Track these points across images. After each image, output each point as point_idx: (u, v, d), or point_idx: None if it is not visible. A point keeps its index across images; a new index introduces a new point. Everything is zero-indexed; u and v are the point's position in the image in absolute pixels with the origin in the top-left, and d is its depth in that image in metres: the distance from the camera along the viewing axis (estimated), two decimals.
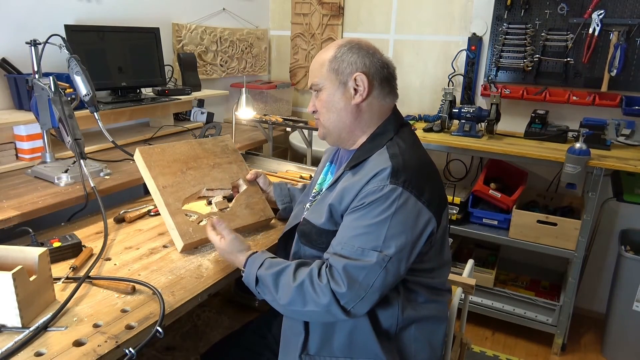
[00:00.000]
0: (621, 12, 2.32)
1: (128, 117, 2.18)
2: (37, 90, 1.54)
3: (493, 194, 2.42)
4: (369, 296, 1.01)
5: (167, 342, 1.78)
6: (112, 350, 0.90)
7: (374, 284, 1.00)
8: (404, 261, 1.03)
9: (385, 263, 1.00)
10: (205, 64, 2.79)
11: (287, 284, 1.04)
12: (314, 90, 1.18)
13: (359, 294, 1.00)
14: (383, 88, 1.15)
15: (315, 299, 1.01)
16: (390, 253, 1.01)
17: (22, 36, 1.67)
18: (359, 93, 1.12)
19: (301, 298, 1.02)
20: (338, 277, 1.01)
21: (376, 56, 1.15)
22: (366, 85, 1.11)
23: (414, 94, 2.93)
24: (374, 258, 1.00)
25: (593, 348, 2.51)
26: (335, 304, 1.00)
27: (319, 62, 1.15)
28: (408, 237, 1.03)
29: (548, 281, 2.73)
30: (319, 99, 1.16)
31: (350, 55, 1.12)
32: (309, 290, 1.02)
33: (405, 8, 2.88)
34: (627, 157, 2.18)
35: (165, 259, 1.28)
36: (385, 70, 1.15)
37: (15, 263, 0.98)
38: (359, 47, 1.14)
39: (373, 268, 1.00)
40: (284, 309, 1.07)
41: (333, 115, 1.15)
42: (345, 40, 1.16)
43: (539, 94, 2.49)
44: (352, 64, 1.12)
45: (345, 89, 1.13)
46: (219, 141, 1.61)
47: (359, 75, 1.11)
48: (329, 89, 1.14)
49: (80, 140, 1.48)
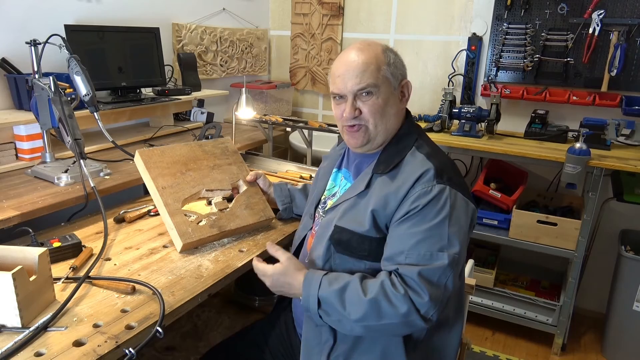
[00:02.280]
0: (621, 12, 2.32)
1: (128, 117, 2.18)
2: (37, 90, 1.54)
3: (493, 194, 2.41)
4: (446, 299, 1.01)
5: (167, 342, 1.78)
6: (112, 351, 0.90)
7: (450, 285, 1.01)
8: (465, 256, 1.07)
9: (455, 261, 1.01)
10: (205, 64, 2.79)
11: (358, 299, 1.00)
12: (366, 92, 1.11)
13: (439, 298, 0.99)
14: None
15: (392, 311, 0.98)
16: (457, 250, 1.02)
17: (22, 36, 1.67)
18: (405, 98, 1.17)
19: (376, 311, 0.98)
20: (415, 285, 0.99)
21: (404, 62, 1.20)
22: (410, 91, 1.17)
23: (414, 94, 2.90)
24: (445, 259, 1.00)
25: (593, 348, 2.51)
26: (415, 313, 0.98)
27: (372, 64, 1.11)
28: (465, 232, 1.06)
29: (548, 281, 2.73)
30: (369, 103, 1.12)
31: (399, 61, 1.16)
32: (384, 303, 0.98)
33: (405, 8, 2.88)
34: (627, 157, 2.18)
35: (165, 259, 1.28)
36: None
37: (15, 263, 0.98)
38: (397, 53, 1.18)
39: (447, 269, 1.00)
40: (355, 325, 1.02)
41: (386, 120, 1.14)
42: (383, 46, 1.17)
43: (539, 94, 2.49)
44: (401, 70, 1.16)
45: (394, 94, 1.15)
46: (219, 143, 1.61)
47: (408, 82, 1.17)
48: (384, 93, 1.12)
49: (80, 140, 1.47)
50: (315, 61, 3.22)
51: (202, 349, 1.74)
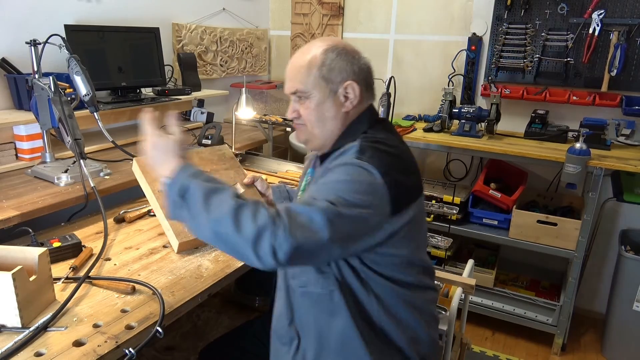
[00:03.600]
0: (621, 12, 2.32)
1: (128, 117, 2.18)
2: (37, 90, 1.54)
3: (493, 194, 2.41)
4: (310, 243, 0.88)
5: (167, 342, 1.78)
6: (112, 351, 0.90)
7: (320, 230, 0.88)
8: (349, 228, 0.92)
9: (332, 211, 0.89)
10: (205, 64, 2.79)
11: (224, 202, 0.90)
12: (297, 96, 1.11)
13: (295, 234, 0.86)
14: (368, 91, 1.13)
15: (250, 225, 0.86)
16: (339, 205, 0.91)
17: (22, 36, 1.67)
18: (349, 101, 1.08)
19: (235, 219, 0.87)
20: (283, 214, 0.89)
21: (361, 59, 1.11)
22: (357, 93, 1.08)
23: (414, 94, 2.92)
24: (323, 203, 0.90)
25: (593, 348, 2.51)
26: (270, 235, 0.85)
27: (304, 67, 1.08)
28: (361, 206, 0.93)
29: (548, 281, 2.72)
30: (304, 106, 1.10)
31: (340, 62, 1.07)
32: (247, 213, 0.88)
33: (405, 8, 2.88)
34: (627, 157, 2.18)
35: (165, 259, 1.28)
36: (369, 75, 1.12)
37: (15, 263, 0.98)
38: (345, 52, 1.09)
39: (317, 209, 0.89)
40: (208, 226, 0.90)
41: (321, 124, 1.10)
42: (331, 44, 1.10)
43: (539, 94, 2.49)
44: (343, 71, 1.07)
45: (335, 97, 1.08)
46: (217, 150, 1.62)
47: (351, 83, 1.07)
48: (318, 97, 1.08)
49: (80, 140, 1.48)
50: None
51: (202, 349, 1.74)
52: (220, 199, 0.91)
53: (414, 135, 2.50)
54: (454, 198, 2.48)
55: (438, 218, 2.54)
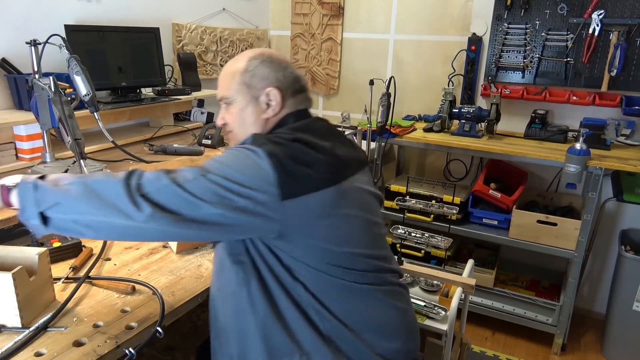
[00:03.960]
0: (621, 12, 2.32)
1: (128, 117, 2.18)
2: (37, 90, 1.54)
3: (493, 194, 2.42)
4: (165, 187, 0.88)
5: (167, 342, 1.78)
6: (112, 351, 0.90)
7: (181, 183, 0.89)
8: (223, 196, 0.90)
9: (201, 174, 0.90)
10: (205, 64, 2.79)
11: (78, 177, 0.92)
12: (223, 103, 1.13)
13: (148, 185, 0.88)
14: (294, 98, 1.12)
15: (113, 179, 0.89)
16: (211, 169, 0.92)
17: (22, 36, 1.67)
18: (271, 108, 1.09)
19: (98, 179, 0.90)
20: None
21: (288, 70, 1.12)
22: (279, 100, 1.09)
23: (414, 94, 2.92)
24: (196, 169, 0.92)
25: (593, 348, 2.51)
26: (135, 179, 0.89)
27: (229, 74, 1.11)
28: (243, 184, 0.91)
29: (548, 281, 2.72)
30: (229, 112, 1.12)
31: (263, 69, 1.09)
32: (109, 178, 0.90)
33: (405, 8, 2.88)
34: (627, 157, 2.18)
35: (165, 259, 1.28)
36: (297, 84, 1.12)
37: (15, 263, 0.98)
38: (270, 61, 1.11)
39: (187, 171, 0.92)
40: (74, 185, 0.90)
41: (243, 130, 1.11)
42: (257, 52, 1.12)
43: (539, 94, 2.49)
44: (265, 79, 1.09)
45: (256, 103, 1.09)
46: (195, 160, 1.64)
47: (272, 90, 1.08)
48: (240, 103, 1.10)
49: (80, 140, 1.47)
50: (315, 61, 3.22)
51: None
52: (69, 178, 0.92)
53: (414, 135, 2.51)
54: (454, 198, 2.48)
55: (438, 218, 2.54)
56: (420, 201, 2.56)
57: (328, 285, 1.01)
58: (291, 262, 0.99)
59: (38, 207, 0.89)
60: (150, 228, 0.88)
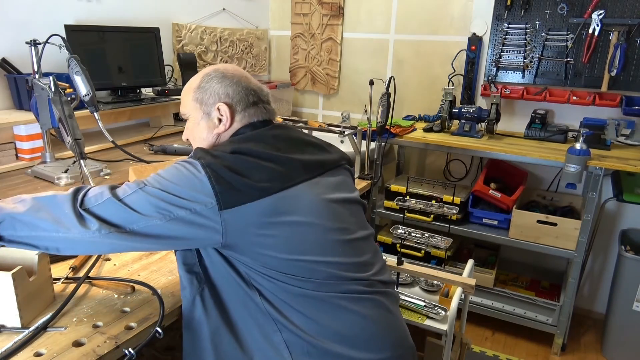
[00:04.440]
0: (621, 12, 2.32)
1: (128, 117, 2.18)
2: (37, 90, 1.54)
3: (493, 194, 2.42)
4: (107, 202, 0.92)
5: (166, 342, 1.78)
6: (111, 351, 0.90)
7: (121, 197, 0.93)
8: (161, 208, 0.92)
9: (139, 187, 0.94)
10: (205, 64, 2.79)
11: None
12: (183, 118, 1.18)
13: (91, 200, 0.93)
14: (247, 114, 1.12)
15: (61, 197, 0.94)
16: (149, 182, 0.95)
17: (22, 36, 1.68)
18: (222, 123, 1.11)
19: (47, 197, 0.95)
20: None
21: (241, 84, 1.12)
22: (228, 115, 1.10)
23: (414, 94, 2.92)
24: (135, 182, 0.96)
25: (593, 348, 2.51)
26: (79, 196, 0.94)
27: (185, 91, 1.15)
28: (173, 187, 0.94)
29: (548, 281, 2.72)
30: (187, 127, 1.17)
31: (213, 85, 1.11)
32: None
33: (405, 8, 2.88)
34: (627, 157, 2.18)
35: (165, 259, 1.28)
36: (250, 97, 1.12)
37: (15, 263, 0.98)
38: (222, 76, 1.12)
39: (127, 185, 0.96)
40: (24, 202, 0.96)
41: (197, 144, 1.14)
42: (212, 69, 1.14)
43: (539, 94, 2.49)
44: (215, 94, 1.11)
45: (209, 119, 1.12)
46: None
47: (222, 105, 1.10)
48: (195, 118, 1.13)
49: (80, 140, 1.47)
50: (315, 61, 3.22)
51: None
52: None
53: (414, 135, 2.51)
54: (454, 198, 2.48)
55: (438, 218, 2.54)
56: (420, 201, 2.56)
57: (287, 294, 0.99)
58: (247, 270, 0.99)
59: None
60: (100, 242, 0.92)
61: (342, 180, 1.17)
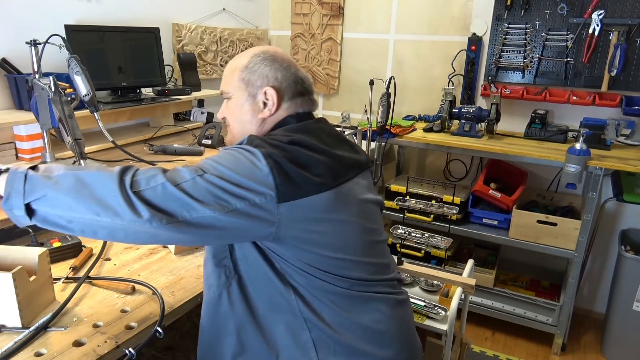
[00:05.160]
0: (621, 12, 2.32)
1: (128, 117, 2.18)
2: (37, 90, 1.54)
3: (493, 194, 2.42)
4: (161, 187, 0.85)
5: (167, 342, 1.78)
6: (111, 351, 0.90)
7: (178, 183, 0.86)
8: (219, 197, 0.87)
9: (197, 174, 0.88)
10: (205, 64, 2.79)
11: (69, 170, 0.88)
12: (224, 97, 1.13)
13: (155, 176, 0.87)
14: (294, 103, 1.09)
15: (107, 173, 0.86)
16: (206, 169, 0.89)
17: (22, 36, 1.67)
18: (267, 107, 1.07)
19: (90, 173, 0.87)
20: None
21: (290, 70, 1.09)
22: (275, 100, 1.06)
23: (414, 94, 2.92)
24: (192, 168, 0.89)
25: (593, 348, 2.51)
26: (126, 176, 0.86)
27: (230, 69, 1.11)
28: (233, 177, 0.89)
29: (548, 281, 2.72)
30: (227, 107, 1.12)
31: (263, 67, 1.08)
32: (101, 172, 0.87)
33: (405, 8, 2.88)
34: (627, 157, 2.18)
35: (165, 259, 1.28)
36: (299, 86, 1.09)
37: (15, 263, 0.98)
38: (273, 59, 1.09)
39: (183, 171, 0.89)
40: (65, 176, 0.86)
41: (239, 125, 1.11)
42: (260, 50, 1.11)
43: (539, 94, 2.49)
44: (263, 77, 1.07)
45: (254, 101, 1.08)
46: None
47: (269, 89, 1.06)
48: (238, 99, 1.09)
49: (80, 140, 1.47)
50: (315, 61, 3.22)
51: None
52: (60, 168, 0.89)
53: (414, 135, 2.51)
54: (454, 198, 2.48)
55: (438, 218, 2.54)
56: (420, 201, 2.56)
57: (321, 291, 0.99)
58: (284, 266, 0.97)
59: (25, 198, 0.85)
60: (145, 231, 0.84)
61: (370, 181, 1.18)
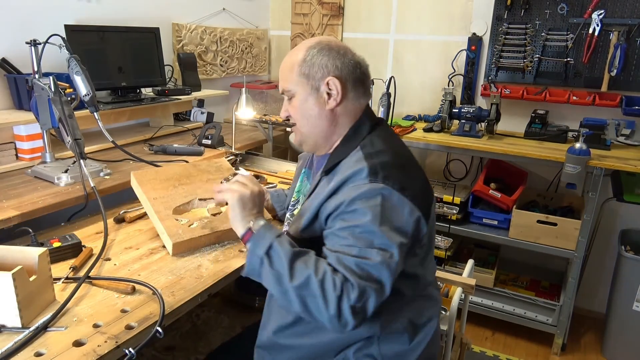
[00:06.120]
0: (621, 12, 2.32)
1: (128, 117, 2.18)
2: (37, 90, 1.54)
3: (493, 194, 2.42)
4: (377, 294, 0.92)
5: (167, 342, 1.78)
6: (112, 351, 0.90)
7: (385, 282, 0.93)
8: (401, 257, 0.96)
9: (387, 261, 0.93)
10: (205, 64, 2.79)
11: (304, 268, 0.94)
12: (285, 96, 1.12)
13: (366, 290, 0.91)
14: (357, 89, 1.10)
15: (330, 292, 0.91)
16: (391, 250, 0.94)
17: (22, 36, 1.67)
18: (332, 98, 1.07)
19: (315, 286, 0.91)
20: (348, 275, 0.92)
21: (347, 56, 1.09)
22: (339, 89, 1.06)
23: (414, 94, 2.92)
24: (378, 257, 0.93)
25: (593, 348, 2.51)
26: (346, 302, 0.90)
27: (288, 66, 1.09)
28: (402, 232, 0.97)
29: (548, 281, 2.72)
30: (291, 105, 1.11)
31: (321, 58, 1.06)
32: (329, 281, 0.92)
33: (405, 8, 2.88)
34: (627, 157, 2.18)
35: (165, 259, 1.28)
36: (358, 71, 1.09)
37: (15, 263, 0.98)
38: (329, 48, 1.08)
39: (378, 266, 0.93)
40: (291, 289, 0.94)
41: (308, 122, 1.10)
42: (315, 41, 1.09)
43: (539, 94, 2.49)
44: (324, 68, 1.06)
45: (318, 94, 1.07)
46: (214, 162, 1.63)
47: (332, 79, 1.06)
48: (301, 94, 1.08)
49: (80, 140, 1.48)
50: None
51: (202, 349, 1.74)
52: (304, 261, 0.96)
53: (414, 135, 2.51)
54: (454, 198, 2.48)
55: (438, 218, 2.53)
56: None
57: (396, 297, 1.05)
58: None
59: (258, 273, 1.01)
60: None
61: None
